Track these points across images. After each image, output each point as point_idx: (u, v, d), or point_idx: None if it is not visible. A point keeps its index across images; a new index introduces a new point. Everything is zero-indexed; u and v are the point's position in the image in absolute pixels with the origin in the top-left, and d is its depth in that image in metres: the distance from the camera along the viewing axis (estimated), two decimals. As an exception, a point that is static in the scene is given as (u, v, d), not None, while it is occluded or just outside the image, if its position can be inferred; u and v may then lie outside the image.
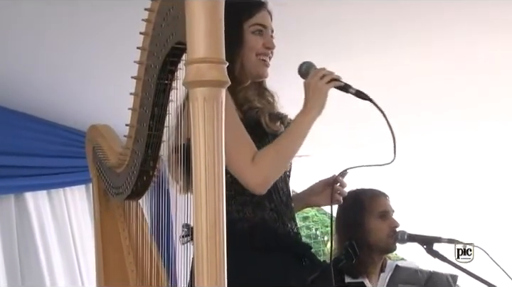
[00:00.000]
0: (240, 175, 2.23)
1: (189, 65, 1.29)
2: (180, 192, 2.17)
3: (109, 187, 2.31)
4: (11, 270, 4.16)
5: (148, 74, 1.82)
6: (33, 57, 3.70)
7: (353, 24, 3.53)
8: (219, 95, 1.29)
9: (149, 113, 1.87)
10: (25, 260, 4.24)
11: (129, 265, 2.30)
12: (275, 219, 2.34)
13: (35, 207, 4.34)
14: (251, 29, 2.38)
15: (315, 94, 2.29)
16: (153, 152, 1.97)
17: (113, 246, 2.35)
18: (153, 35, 1.73)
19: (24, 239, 4.26)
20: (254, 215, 2.30)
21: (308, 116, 2.29)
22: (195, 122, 1.28)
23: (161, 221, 2.28)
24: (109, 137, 2.37)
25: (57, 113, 4.33)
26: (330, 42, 3.61)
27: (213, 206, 1.26)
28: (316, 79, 2.30)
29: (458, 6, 3.38)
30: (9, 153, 4.15)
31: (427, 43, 3.79)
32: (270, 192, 2.33)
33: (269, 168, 2.24)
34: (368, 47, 3.77)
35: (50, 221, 4.43)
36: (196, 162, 1.28)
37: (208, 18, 1.28)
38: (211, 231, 1.26)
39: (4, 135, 4.14)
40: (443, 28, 3.64)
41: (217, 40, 1.29)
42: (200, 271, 1.25)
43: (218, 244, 1.26)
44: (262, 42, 2.39)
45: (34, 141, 4.30)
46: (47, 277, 4.26)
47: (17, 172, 4.23)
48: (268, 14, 2.44)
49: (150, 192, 2.21)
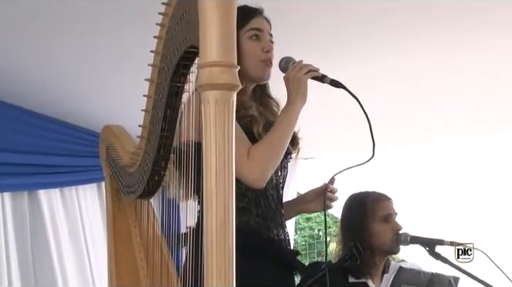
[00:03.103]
0: (237, 171, 2.22)
1: (201, 69, 1.29)
2: (182, 200, 2.15)
3: (121, 186, 2.31)
4: (23, 265, 4.17)
5: (162, 76, 1.82)
6: (49, 59, 3.71)
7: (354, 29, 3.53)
8: (230, 98, 1.30)
9: (162, 114, 1.87)
10: (37, 256, 4.25)
11: (139, 262, 2.30)
12: (260, 224, 2.33)
13: (47, 204, 4.36)
14: (247, 35, 2.39)
15: (295, 85, 2.32)
16: (164, 153, 1.97)
17: (124, 242, 2.35)
18: (167, 39, 1.73)
19: (37, 235, 4.27)
20: (238, 220, 2.28)
21: (294, 107, 2.32)
22: (207, 124, 1.29)
23: (169, 221, 2.28)
24: (122, 137, 2.37)
25: (71, 113, 4.34)
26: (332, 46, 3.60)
27: (223, 208, 1.27)
28: (295, 72, 2.33)
29: (463, 11, 3.37)
30: (23, 152, 4.16)
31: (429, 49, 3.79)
32: (259, 199, 2.33)
33: (264, 162, 2.25)
34: (370, 52, 3.77)
35: (62, 218, 4.44)
36: (207, 165, 1.28)
37: (220, 24, 1.29)
38: (221, 234, 1.27)
39: (19, 134, 4.15)
40: (446, 34, 3.64)
41: (229, 45, 1.30)
42: (210, 273, 1.26)
43: (227, 246, 1.27)
44: (260, 46, 2.40)
45: (48, 140, 4.31)
46: (58, 272, 4.27)
47: (31, 170, 4.24)
48: (264, 20, 2.45)
49: (160, 193, 2.20)
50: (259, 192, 2.34)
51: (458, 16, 3.42)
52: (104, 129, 2.53)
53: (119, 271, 2.29)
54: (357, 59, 3.76)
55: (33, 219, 4.27)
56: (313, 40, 3.45)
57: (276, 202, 2.42)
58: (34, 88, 4.01)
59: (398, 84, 4.13)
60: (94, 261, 4.46)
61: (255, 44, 2.39)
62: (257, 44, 2.40)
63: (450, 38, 3.65)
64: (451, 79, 4.15)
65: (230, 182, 1.28)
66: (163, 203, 2.30)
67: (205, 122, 1.29)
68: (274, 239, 2.37)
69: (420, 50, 3.79)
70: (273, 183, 2.40)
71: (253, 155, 2.22)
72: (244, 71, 2.35)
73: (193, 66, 1.70)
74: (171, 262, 2.25)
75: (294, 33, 3.17)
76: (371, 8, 3.30)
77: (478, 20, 3.45)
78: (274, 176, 2.38)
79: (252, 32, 2.39)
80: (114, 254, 2.33)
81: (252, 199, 2.32)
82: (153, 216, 2.39)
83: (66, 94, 4.13)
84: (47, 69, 3.82)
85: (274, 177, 2.39)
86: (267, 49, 2.40)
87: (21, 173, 4.19)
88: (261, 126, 2.35)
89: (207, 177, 1.28)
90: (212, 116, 1.28)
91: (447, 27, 3.54)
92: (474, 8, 3.31)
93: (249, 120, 2.34)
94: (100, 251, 4.34)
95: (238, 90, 2.11)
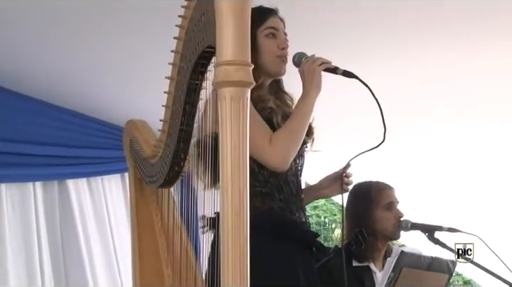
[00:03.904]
0: (261, 156, 2.25)
1: (218, 67, 1.29)
2: (206, 189, 2.16)
3: (144, 176, 2.32)
4: (54, 250, 4.19)
5: (181, 75, 1.82)
6: (77, 59, 3.71)
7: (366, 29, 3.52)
8: (245, 95, 1.30)
9: (181, 110, 1.87)
10: (66, 240, 4.27)
11: (160, 246, 2.30)
12: (283, 208, 2.34)
13: (75, 193, 4.37)
14: (264, 33, 2.40)
15: (309, 76, 2.34)
16: (184, 145, 1.97)
17: (146, 228, 2.35)
18: (186, 40, 1.73)
19: (66, 221, 4.29)
20: (262, 205, 2.30)
21: (309, 96, 2.33)
22: (223, 119, 1.28)
23: (188, 209, 2.29)
24: (144, 131, 2.37)
25: (98, 109, 4.35)
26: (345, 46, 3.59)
27: (238, 197, 1.27)
28: (309, 64, 2.35)
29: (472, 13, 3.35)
30: (54, 144, 4.18)
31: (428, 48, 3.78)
32: (280, 185, 2.34)
33: (286, 147, 2.26)
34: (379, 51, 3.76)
35: (89, 205, 4.46)
36: (223, 156, 1.28)
37: (235, 25, 1.28)
38: (236, 220, 1.26)
39: (50, 128, 4.17)
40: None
41: (244, 45, 1.30)
42: (225, 258, 1.26)
43: (242, 231, 1.27)
44: (276, 44, 2.41)
45: (77, 134, 4.33)
46: (85, 256, 4.29)
47: (60, 161, 4.26)
48: (279, 19, 2.46)
49: (179, 182, 2.20)
50: (281, 179, 2.35)
51: (471, 17, 3.41)
52: (127, 123, 2.53)
53: (141, 255, 2.29)
54: (369, 58, 3.74)
55: (62, 206, 4.29)
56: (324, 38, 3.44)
57: (297, 187, 2.43)
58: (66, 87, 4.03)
59: (404, 81, 4.10)
60: (118, 246, 4.47)
61: (271, 41, 2.41)
62: (273, 41, 2.41)
63: (462, 37, 3.64)
64: (458, 75, 4.11)
65: (244, 173, 1.28)
66: (182, 192, 2.31)
67: (221, 117, 1.29)
68: (297, 221, 2.38)
69: (425, 50, 3.78)
70: (292, 170, 2.40)
71: (275, 142, 2.25)
72: (261, 67, 2.37)
73: (210, 65, 1.70)
74: (189, 246, 2.26)
75: (307, 32, 3.16)
76: (384, 7, 3.28)
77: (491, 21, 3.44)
78: (293, 163, 2.38)
79: (268, 30, 2.41)
80: (137, 239, 2.33)
81: (275, 185, 2.33)
82: (173, 204, 2.39)
83: (93, 92, 4.15)
84: (76, 69, 3.83)
85: (293, 165, 2.39)
86: (283, 46, 2.42)
87: (52, 164, 4.20)
88: (279, 116, 2.37)
89: (223, 167, 1.28)
90: (227, 111, 1.28)
91: (457, 27, 3.53)
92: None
93: (269, 112, 2.36)
94: (124, 236, 4.36)
95: (253, 86, 2.13)
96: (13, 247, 3.92)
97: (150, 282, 2.22)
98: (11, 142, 3.92)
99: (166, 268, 2.24)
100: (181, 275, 2.18)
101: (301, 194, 2.45)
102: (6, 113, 3.93)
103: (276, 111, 2.38)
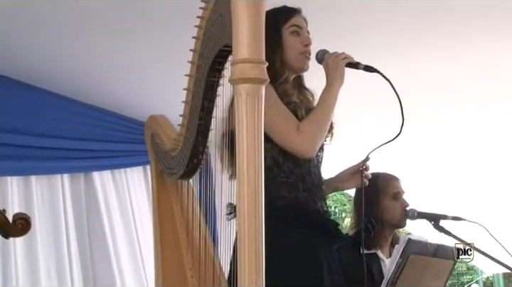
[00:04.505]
0: (289, 144, 2.26)
1: (234, 65, 1.28)
2: (230, 179, 2.17)
3: (164, 168, 2.32)
4: (80, 238, 4.21)
5: (199, 72, 1.81)
6: (101, 59, 3.73)
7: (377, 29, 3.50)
8: (259, 91, 1.29)
9: (199, 105, 1.87)
10: (92, 229, 4.29)
11: (181, 234, 2.30)
12: (307, 198, 2.33)
13: (100, 184, 4.39)
14: (289, 30, 2.41)
15: (333, 69, 2.34)
16: (202, 139, 1.97)
17: (167, 217, 2.35)
18: (204, 39, 1.73)
19: (91, 210, 4.32)
20: (288, 194, 2.30)
21: (333, 87, 2.34)
22: (239, 114, 1.28)
23: (206, 200, 2.29)
24: (165, 125, 2.37)
25: (121, 105, 4.36)
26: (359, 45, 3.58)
27: (253, 186, 1.26)
28: (333, 58, 2.37)
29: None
30: (80, 139, 4.20)
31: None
32: (304, 175, 2.33)
33: (313, 135, 2.27)
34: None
35: (113, 196, 4.48)
36: (239, 149, 1.28)
37: (251, 25, 1.28)
38: (251, 207, 1.26)
39: (77, 124, 4.19)
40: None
41: (259, 44, 1.29)
42: (242, 241, 1.25)
43: (257, 217, 1.26)
44: (300, 41, 2.41)
45: (101, 129, 4.35)
46: (110, 244, 4.31)
47: (86, 154, 4.27)
48: (302, 18, 2.47)
49: (198, 174, 2.21)
50: (304, 170, 2.35)
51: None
52: (149, 119, 2.54)
53: (163, 242, 2.29)
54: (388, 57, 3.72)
55: (88, 197, 4.31)
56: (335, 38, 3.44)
57: (318, 178, 2.43)
58: (92, 85, 4.05)
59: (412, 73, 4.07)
60: (140, 234, 4.48)
61: (296, 39, 2.41)
62: (298, 38, 2.42)
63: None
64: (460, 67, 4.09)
65: (259, 164, 1.27)
66: (201, 183, 2.32)
67: (237, 112, 1.29)
68: (320, 210, 2.39)
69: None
70: (314, 162, 2.41)
71: (303, 130, 2.25)
72: (286, 62, 2.38)
73: (226, 63, 1.69)
74: (208, 234, 2.26)
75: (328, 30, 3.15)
76: (401, 8, 3.27)
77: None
78: (315, 155, 2.39)
79: (292, 28, 2.42)
80: (158, 227, 2.34)
81: (299, 176, 2.33)
82: (192, 194, 2.39)
83: (117, 90, 4.16)
84: (101, 68, 3.84)
85: (315, 157, 2.40)
86: (306, 43, 2.43)
87: (78, 157, 4.22)
88: (303, 110, 2.37)
89: (239, 160, 1.27)
90: (243, 106, 1.27)
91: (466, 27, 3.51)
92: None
93: (294, 105, 2.36)
94: (146, 224, 4.37)
95: (280, 81, 2.13)
96: (43, 235, 3.95)
97: (171, 267, 2.22)
98: (41, 137, 3.94)
99: (186, 255, 2.24)
100: (200, 262, 2.18)
101: (323, 185, 2.46)
102: (36, 110, 3.95)
103: (300, 105, 2.39)
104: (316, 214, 2.36)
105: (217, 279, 2.09)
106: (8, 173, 3.82)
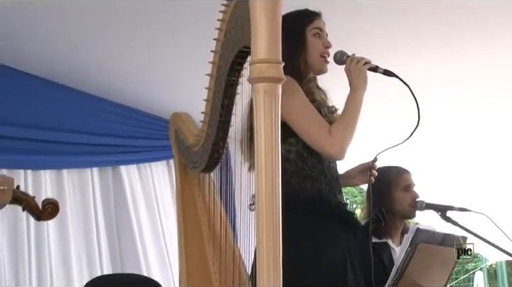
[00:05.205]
0: (321, 146, 2.26)
1: (253, 65, 1.29)
2: (249, 171, 2.17)
3: (187, 162, 2.33)
4: (109, 229, 4.25)
5: (220, 72, 1.82)
6: (129, 60, 3.74)
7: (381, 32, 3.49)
8: (276, 89, 1.30)
9: (220, 103, 1.88)
10: (120, 219, 4.32)
11: (203, 224, 2.30)
12: (328, 191, 2.34)
13: (127, 177, 4.41)
14: (312, 32, 2.40)
15: (356, 74, 2.32)
16: (223, 134, 1.98)
17: (190, 208, 2.36)
18: (224, 41, 1.73)
19: (119, 202, 4.34)
20: (312, 187, 2.30)
21: (359, 93, 2.32)
22: (257, 110, 1.29)
23: (226, 192, 2.30)
24: (187, 122, 2.38)
25: (146, 103, 4.38)
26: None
27: (271, 179, 1.27)
28: (354, 64, 2.34)
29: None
30: (108, 135, 4.22)
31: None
32: (325, 170, 2.34)
33: (344, 139, 2.25)
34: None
35: (139, 189, 4.50)
36: (257, 143, 1.28)
37: (268, 28, 1.29)
38: (268, 199, 1.27)
39: (106, 121, 4.22)
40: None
41: (276, 45, 1.30)
42: (261, 229, 1.27)
43: (275, 207, 1.27)
44: (321, 43, 2.40)
45: (128, 126, 4.37)
46: (136, 232, 4.34)
47: (114, 149, 4.30)
48: (322, 21, 2.45)
49: (219, 167, 2.21)
50: (325, 165, 2.36)
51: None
52: (172, 116, 2.54)
53: (186, 231, 2.30)
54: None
55: (115, 189, 4.33)
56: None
57: (336, 173, 2.43)
58: (119, 85, 4.07)
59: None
60: (164, 223, 4.50)
61: (317, 40, 2.40)
62: (319, 40, 2.41)
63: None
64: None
65: (276, 157, 1.28)
66: (222, 176, 2.32)
67: (255, 108, 1.29)
68: (340, 203, 2.40)
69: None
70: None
71: (334, 133, 2.24)
72: (309, 63, 2.37)
73: (245, 63, 1.70)
74: (228, 224, 2.27)
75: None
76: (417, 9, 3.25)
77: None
78: None
79: (315, 30, 2.40)
80: (182, 218, 2.34)
81: (320, 170, 2.33)
82: (214, 187, 2.40)
83: (142, 89, 4.18)
84: (129, 69, 3.86)
85: None
86: (327, 45, 2.42)
87: (106, 152, 4.25)
88: (326, 108, 2.37)
89: (257, 154, 1.28)
90: (261, 103, 1.28)
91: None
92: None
93: (318, 104, 2.36)
94: (169, 215, 4.40)
95: (305, 80, 2.11)
96: (74, 226, 3.98)
97: (194, 255, 2.23)
98: (72, 133, 3.98)
99: (207, 244, 2.25)
100: (221, 249, 2.19)
101: (339, 179, 2.46)
102: (68, 108, 3.99)
103: (323, 103, 2.39)
104: (338, 205, 2.37)
105: (236, 266, 2.10)
106: (42, 167, 3.85)
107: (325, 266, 2.21)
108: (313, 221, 2.23)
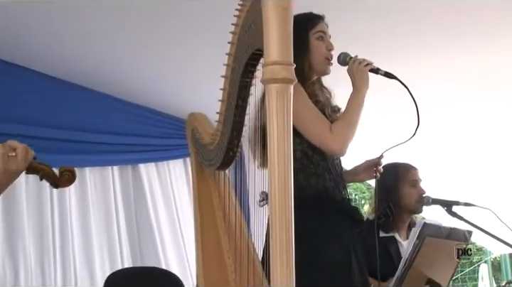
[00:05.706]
0: (323, 144, 2.27)
1: (265, 67, 1.30)
2: (259, 168, 2.18)
3: (203, 160, 2.33)
4: (129, 225, 4.27)
5: (234, 74, 1.82)
6: (147, 63, 3.76)
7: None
8: (288, 90, 1.30)
9: (234, 103, 1.87)
10: (139, 215, 4.34)
11: (218, 219, 2.30)
12: (333, 187, 2.34)
13: (146, 174, 4.44)
14: (315, 35, 2.40)
15: (359, 75, 2.33)
16: (237, 133, 1.97)
17: (207, 204, 2.36)
18: (238, 44, 1.73)
19: (139, 199, 4.37)
20: (317, 184, 2.30)
21: (361, 92, 2.33)
22: (270, 110, 1.29)
23: (240, 188, 2.30)
24: (203, 122, 2.38)
25: (164, 104, 4.40)
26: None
27: (283, 176, 1.27)
28: (357, 65, 2.34)
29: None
30: (128, 134, 4.25)
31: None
32: (329, 167, 2.34)
33: (345, 136, 2.26)
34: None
35: (157, 185, 4.52)
36: (270, 142, 1.28)
37: (280, 31, 1.29)
38: (281, 195, 1.27)
39: (126, 121, 4.25)
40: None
41: (287, 48, 1.30)
42: (274, 224, 1.27)
43: (287, 204, 1.27)
44: (324, 45, 2.40)
45: (147, 126, 4.40)
46: (155, 227, 4.36)
47: (133, 148, 4.32)
48: (325, 24, 2.45)
49: (233, 165, 2.21)
50: (329, 162, 2.36)
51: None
52: (189, 116, 2.54)
53: (202, 226, 2.30)
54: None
55: (135, 186, 4.36)
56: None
57: (340, 170, 2.44)
58: (138, 86, 4.09)
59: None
60: (181, 218, 4.51)
61: (321, 43, 2.40)
62: (322, 43, 2.41)
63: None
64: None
65: (288, 156, 1.28)
66: (236, 173, 2.33)
67: (268, 109, 1.30)
68: (344, 199, 2.40)
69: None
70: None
71: (336, 131, 2.26)
72: (313, 65, 2.37)
73: (258, 65, 1.70)
74: (243, 218, 2.27)
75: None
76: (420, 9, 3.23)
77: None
78: None
79: (318, 33, 2.41)
80: (198, 213, 2.34)
81: (325, 168, 2.34)
82: (228, 183, 2.40)
83: (160, 90, 4.19)
84: (148, 72, 3.89)
85: None
86: (330, 48, 2.42)
87: (126, 151, 4.27)
88: (329, 108, 2.38)
89: (270, 153, 1.28)
90: (274, 104, 1.29)
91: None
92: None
93: (322, 105, 2.36)
94: (186, 211, 4.41)
95: (309, 83, 2.11)
96: (96, 222, 4.01)
97: (210, 249, 2.23)
98: (93, 133, 4.01)
99: (223, 237, 2.25)
100: (236, 243, 2.19)
101: (344, 175, 2.46)
102: (90, 109, 4.02)
103: (326, 104, 2.39)
104: (342, 201, 2.37)
105: (251, 258, 2.10)
106: (66, 165, 3.86)
107: (330, 261, 2.21)
108: (318, 218, 2.23)
